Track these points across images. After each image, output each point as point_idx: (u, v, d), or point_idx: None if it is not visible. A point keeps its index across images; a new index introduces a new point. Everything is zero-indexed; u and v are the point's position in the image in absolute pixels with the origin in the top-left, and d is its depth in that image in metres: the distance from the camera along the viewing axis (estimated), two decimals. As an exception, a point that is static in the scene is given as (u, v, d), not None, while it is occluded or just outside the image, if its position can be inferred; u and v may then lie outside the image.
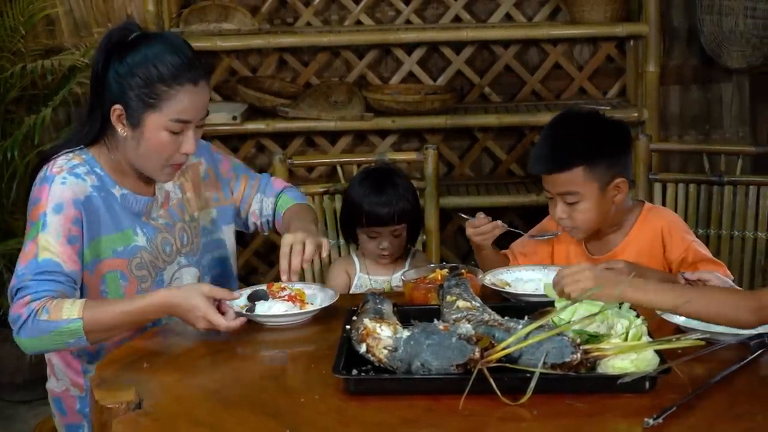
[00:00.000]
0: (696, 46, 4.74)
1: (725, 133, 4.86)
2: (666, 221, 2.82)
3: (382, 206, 3.10)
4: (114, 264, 2.56)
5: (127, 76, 2.46)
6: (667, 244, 2.79)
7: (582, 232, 2.79)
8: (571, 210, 2.73)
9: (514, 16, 4.77)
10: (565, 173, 2.70)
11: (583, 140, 2.74)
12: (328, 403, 2.03)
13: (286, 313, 2.48)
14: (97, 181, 2.54)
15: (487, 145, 4.81)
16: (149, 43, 2.49)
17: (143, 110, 2.47)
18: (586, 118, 2.88)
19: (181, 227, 2.70)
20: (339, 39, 4.56)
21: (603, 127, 2.81)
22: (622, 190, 2.75)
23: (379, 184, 3.14)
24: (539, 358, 1.98)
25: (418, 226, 3.24)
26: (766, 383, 2.07)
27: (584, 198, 2.71)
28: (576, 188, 2.71)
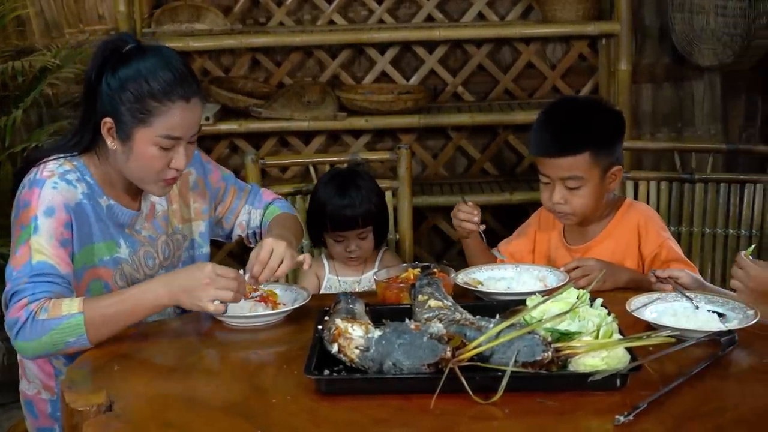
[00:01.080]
0: (667, 44, 4.76)
1: (697, 130, 4.89)
2: (644, 216, 2.85)
3: (346, 209, 3.11)
4: (100, 273, 2.55)
5: (118, 89, 2.43)
6: (643, 239, 2.81)
7: (576, 218, 2.82)
8: (570, 195, 2.76)
9: (487, 16, 4.78)
10: (573, 157, 2.73)
11: (591, 125, 2.78)
12: (300, 403, 2.02)
13: (258, 314, 2.48)
14: (86, 189, 2.52)
15: (461, 144, 4.82)
16: (143, 57, 2.45)
17: (133, 125, 2.44)
18: (587, 104, 2.93)
19: (164, 240, 2.69)
20: (312, 39, 4.56)
21: (606, 114, 2.85)
22: (617, 177, 2.81)
23: (343, 187, 3.14)
24: (510, 356, 1.98)
25: (384, 227, 3.23)
26: (736, 380, 2.08)
27: (586, 183, 2.74)
28: (581, 173, 2.73)
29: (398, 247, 3.44)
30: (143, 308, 2.39)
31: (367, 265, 3.19)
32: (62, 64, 4.33)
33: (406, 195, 3.42)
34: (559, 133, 2.77)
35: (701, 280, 2.62)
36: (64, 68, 4.35)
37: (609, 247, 2.81)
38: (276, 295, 2.58)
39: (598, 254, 2.77)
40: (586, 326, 2.11)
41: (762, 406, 1.95)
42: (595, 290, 2.39)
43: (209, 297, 2.33)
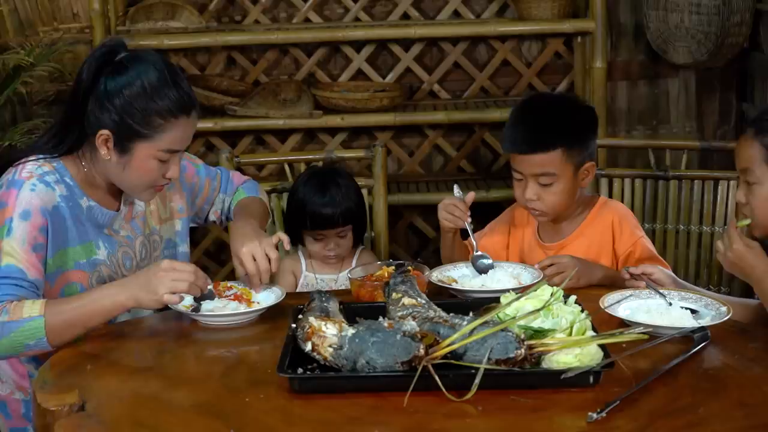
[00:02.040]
0: (642, 42, 4.78)
1: (672, 128, 4.90)
2: (618, 214, 2.86)
3: (325, 208, 3.10)
4: (76, 276, 2.53)
5: (120, 105, 2.42)
6: (617, 236, 2.82)
7: (550, 215, 2.82)
8: (543, 192, 2.76)
9: (463, 13, 4.78)
10: (546, 154, 2.73)
11: (563, 122, 2.78)
12: (273, 402, 2.01)
13: (232, 313, 2.47)
14: (66, 191, 2.51)
15: (437, 142, 4.82)
16: (143, 69, 2.43)
17: (135, 139, 2.45)
18: (560, 101, 2.94)
19: (141, 241, 2.68)
20: (287, 37, 4.55)
21: (577, 110, 2.86)
22: (590, 173, 2.81)
23: (323, 185, 3.14)
24: (484, 354, 1.98)
25: (363, 226, 3.23)
26: (709, 376, 2.09)
27: (559, 180, 2.75)
28: (553, 169, 2.73)
29: (374, 245, 3.44)
30: (102, 310, 2.38)
31: (344, 263, 3.18)
32: (36, 63, 4.31)
33: (381, 193, 3.42)
34: (532, 129, 2.77)
35: (674, 276, 2.63)
36: (39, 66, 4.33)
37: (583, 245, 2.81)
38: (250, 293, 2.57)
39: (572, 252, 2.77)
40: (559, 323, 2.11)
41: (734, 402, 1.96)
42: (570, 287, 2.41)
43: (165, 288, 2.32)
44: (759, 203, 2.31)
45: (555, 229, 2.88)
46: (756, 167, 2.29)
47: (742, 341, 2.26)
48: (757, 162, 2.28)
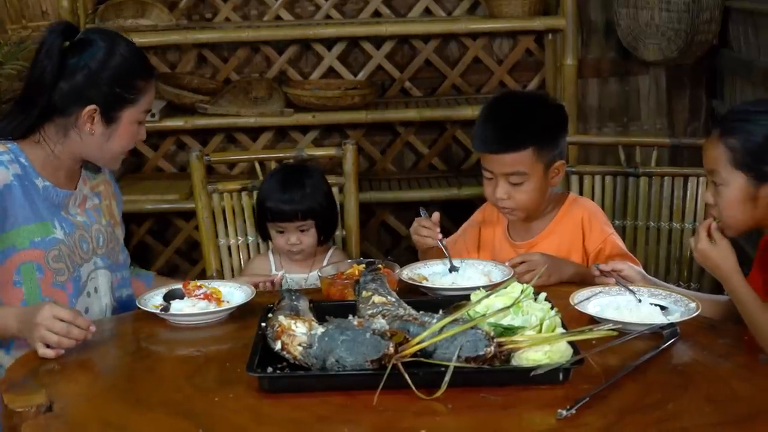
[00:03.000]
0: (613, 39, 4.79)
1: (643, 125, 4.92)
2: (588, 211, 2.86)
3: (285, 202, 3.10)
4: (31, 255, 2.53)
5: (108, 75, 2.52)
6: (587, 234, 2.82)
7: (520, 214, 2.82)
8: (513, 191, 2.75)
9: (434, 11, 4.79)
10: (516, 153, 2.72)
11: (534, 121, 2.77)
12: (243, 401, 2.00)
13: (201, 312, 2.46)
14: (20, 171, 2.53)
15: (409, 139, 4.82)
16: (112, 41, 2.55)
17: (122, 106, 2.55)
18: (530, 99, 2.94)
19: (98, 229, 2.70)
20: (258, 34, 4.53)
21: (547, 109, 2.85)
22: (560, 172, 2.81)
23: (288, 179, 3.13)
24: (454, 351, 1.98)
25: (330, 225, 3.19)
26: (678, 372, 2.09)
27: (530, 179, 2.74)
28: (524, 168, 2.73)
29: (345, 243, 3.43)
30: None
31: (315, 262, 3.17)
32: (5, 61, 4.27)
33: (352, 190, 3.41)
34: (502, 129, 2.76)
35: (644, 273, 2.63)
36: (7, 65, 4.29)
37: (553, 243, 2.81)
38: (220, 292, 2.55)
39: (543, 250, 2.77)
40: (529, 321, 2.11)
41: (703, 397, 1.96)
42: (540, 284, 2.41)
43: (38, 338, 2.25)
44: (725, 204, 2.31)
45: (525, 228, 2.88)
46: (721, 169, 2.29)
47: (711, 337, 2.27)
48: (722, 164, 2.28)
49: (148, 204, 4.43)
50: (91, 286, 2.64)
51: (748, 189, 2.27)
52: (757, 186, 2.26)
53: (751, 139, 2.25)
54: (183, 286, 2.56)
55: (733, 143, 2.26)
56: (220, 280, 2.86)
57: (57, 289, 2.55)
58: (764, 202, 2.27)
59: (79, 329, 2.25)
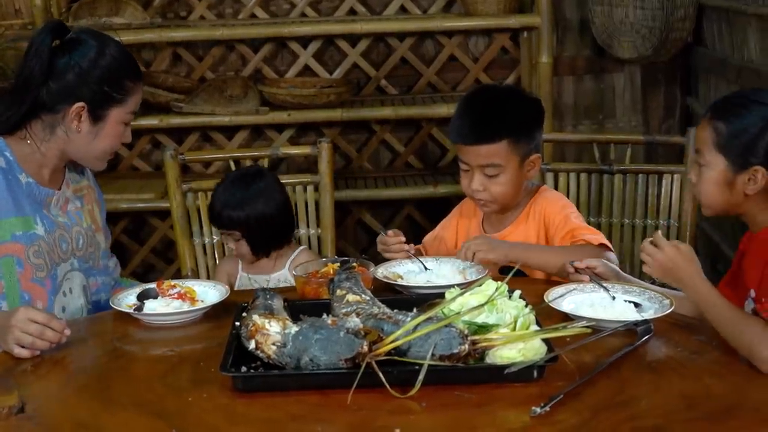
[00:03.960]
0: (588, 37, 4.81)
1: (618, 122, 4.94)
2: (549, 202, 2.89)
3: (213, 210, 3.13)
4: (12, 248, 2.52)
5: (97, 74, 2.52)
6: (548, 220, 2.84)
7: (496, 205, 2.83)
8: (489, 182, 2.77)
9: (409, 9, 4.79)
10: (491, 145, 2.74)
11: (510, 113, 2.79)
12: (216, 401, 2.00)
13: (175, 311, 2.44)
14: (4, 164, 2.53)
15: (385, 137, 4.82)
16: (102, 41, 2.55)
17: (109, 105, 2.56)
18: (507, 92, 2.95)
19: (78, 231, 2.69)
20: (233, 33, 4.52)
21: (524, 102, 2.87)
22: (536, 165, 2.83)
23: (224, 189, 3.12)
24: (428, 350, 1.97)
25: (262, 238, 3.11)
26: (652, 369, 2.09)
27: (505, 171, 2.76)
28: (499, 160, 2.75)
29: (320, 242, 3.43)
30: None
31: (277, 263, 3.16)
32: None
33: (327, 189, 3.41)
34: (478, 121, 2.78)
35: (618, 270, 2.64)
36: (-20, 62, 4.27)
37: (521, 233, 2.84)
38: (194, 291, 2.54)
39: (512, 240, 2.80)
40: (503, 318, 2.11)
41: (676, 394, 1.97)
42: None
43: (12, 340, 2.23)
44: (704, 185, 2.33)
45: (498, 220, 2.90)
46: (706, 150, 2.31)
47: (684, 334, 2.27)
48: (708, 145, 2.30)
49: (123, 203, 4.42)
50: (67, 286, 2.64)
51: (727, 173, 2.29)
52: (735, 172, 2.28)
53: (738, 125, 2.26)
54: (157, 286, 2.55)
55: (720, 127, 2.28)
56: (195, 280, 2.85)
57: (36, 284, 2.55)
58: (739, 189, 2.29)
59: (54, 332, 2.24)
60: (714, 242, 4.47)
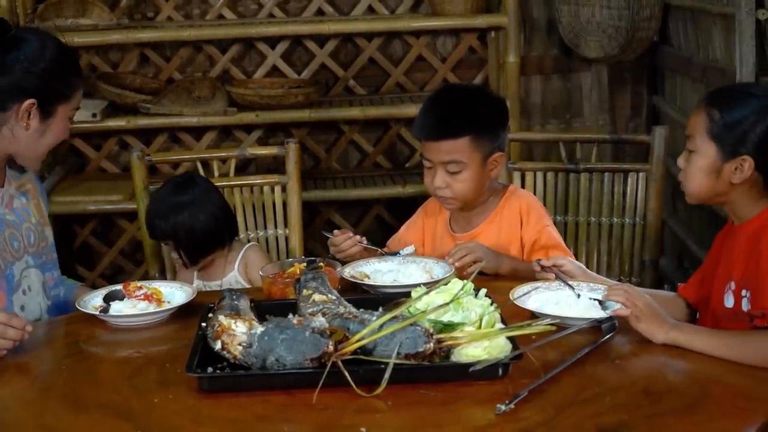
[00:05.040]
0: (555, 36, 4.83)
1: (586, 121, 4.96)
2: (525, 202, 2.89)
3: (147, 220, 3.14)
4: None
5: (44, 68, 2.52)
6: (524, 224, 2.86)
7: (458, 203, 2.84)
8: (451, 179, 2.78)
9: (377, 9, 4.79)
10: (453, 141, 2.75)
11: (472, 110, 2.81)
12: (182, 402, 2.00)
13: (142, 313, 2.44)
14: None
15: (353, 138, 4.83)
16: (45, 38, 2.57)
17: (58, 101, 2.56)
18: (471, 90, 2.98)
19: (28, 227, 2.68)
20: (200, 33, 4.51)
21: (487, 100, 2.88)
22: (499, 164, 2.83)
23: (155, 200, 3.14)
24: (393, 348, 1.98)
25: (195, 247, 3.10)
26: (616, 366, 2.11)
27: (466, 168, 2.77)
28: (461, 157, 2.76)
29: (288, 242, 3.43)
30: None
31: (227, 267, 3.16)
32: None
33: (295, 189, 3.41)
34: (441, 117, 2.80)
35: (584, 268, 2.65)
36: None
37: (493, 234, 2.85)
38: (160, 293, 2.54)
39: (482, 241, 2.80)
40: (469, 317, 2.12)
41: (640, 390, 1.98)
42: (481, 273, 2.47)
43: None
44: (692, 170, 2.35)
45: (466, 219, 2.91)
46: (697, 136, 2.33)
47: (649, 331, 2.28)
48: (700, 131, 2.32)
49: (91, 205, 4.40)
50: (25, 284, 2.62)
51: (716, 162, 2.31)
52: (723, 161, 2.30)
53: (732, 115, 2.29)
54: (123, 287, 2.54)
55: (714, 114, 2.30)
56: (162, 281, 2.84)
57: None
58: (725, 178, 2.31)
59: (15, 329, 2.23)
60: (680, 239, 4.50)
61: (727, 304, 2.33)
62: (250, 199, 3.41)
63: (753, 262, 2.25)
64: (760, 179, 2.30)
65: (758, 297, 2.20)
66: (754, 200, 2.33)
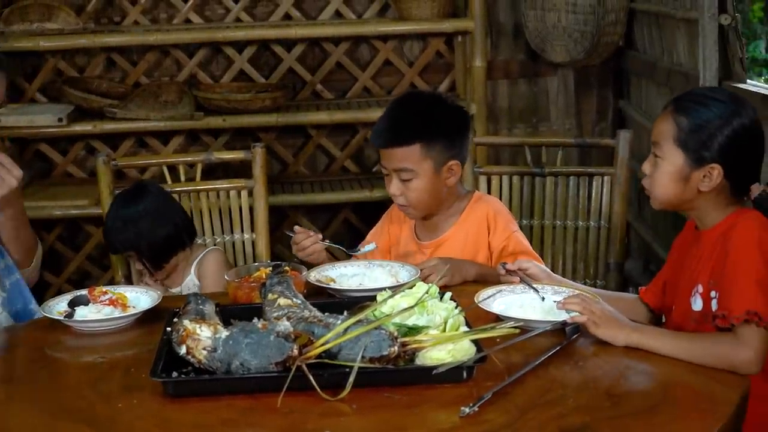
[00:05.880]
0: (522, 41, 4.86)
1: (552, 125, 4.99)
2: (492, 209, 2.88)
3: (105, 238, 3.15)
4: None
5: None
6: (491, 231, 2.85)
7: (415, 211, 2.84)
8: (404, 187, 2.78)
9: (344, 14, 4.80)
10: (403, 148, 2.75)
11: (424, 118, 2.79)
12: (147, 407, 1.99)
13: (107, 318, 2.44)
14: None
15: (321, 142, 4.83)
16: None
17: None
18: (428, 98, 2.97)
19: None
20: (167, 38, 4.51)
21: (443, 109, 2.86)
22: (455, 172, 2.81)
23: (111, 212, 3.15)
24: (358, 352, 1.99)
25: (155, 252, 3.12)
26: (579, 368, 2.12)
27: (418, 176, 2.76)
28: (411, 165, 2.75)
29: (254, 247, 3.43)
30: None
31: (185, 272, 3.16)
32: None
33: (261, 194, 3.41)
34: (393, 124, 2.80)
35: (549, 271, 2.67)
36: None
37: (459, 241, 2.84)
38: (126, 298, 2.54)
39: (449, 249, 2.80)
40: (433, 320, 2.13)
41: (603, 392, 2.00)
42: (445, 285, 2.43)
43: None
44: (658, 177, 2.35)
45: (431, 227, 2.90)
46: (664, 143, 2.33)
47: (612, 333, 2.30)
48: (666, 138, 2.32)
49: (57, 210, 4.38)
50: None
51: (684, 169, 2.31)
52: (691, 168, 2.30)
53: (699, 122, 2.28)
54: (88, 292, 2.54)
55: (681, 121, 2.30)
56: (127, 286, 2.83)
57: None
58: (693, 185, 2.31)
59: None
60: (646, 242, 4.53)
61: (695, 308, 2.34)
62: (216, 203, 3.41)
63: (720, 263, 2.26)
64: (728, 186, 2.31)
65: (723, 298, 2.22)
66: (721, 207, 2.33)
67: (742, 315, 2.13)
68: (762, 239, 2.22)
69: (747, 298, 2.14)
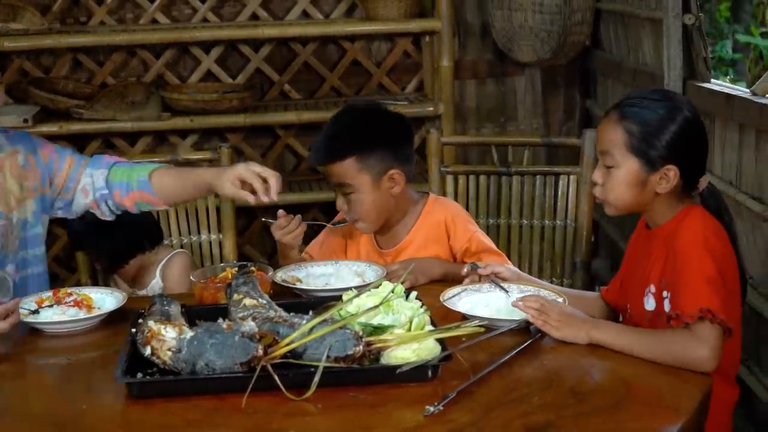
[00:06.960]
0: (489, 41, 4.87)
1: (520, 125, 5.01)
2: (449, 212, 2.87)
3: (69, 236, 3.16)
4: None
5: None
6: (451, 234, 2.84)
7: (365, 225, 2.81)
8: (349, 202, 2.76)
9: (311, 14, 4.79)
10: (337, 164, 2.74)
11: (356, 132, 2.78)
12: (112, 408, 1.99)
13: (71, 319, 2.43)
14: None
15: (289, 142, 4.82)
16: None
17: None
18: (363, 111, 2.93)
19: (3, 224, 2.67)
20: (134, 38, 4.48)
21: (378, 120, 2.84)
22: (397, 182, 2.77)
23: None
24: (323, 352, 1.99)
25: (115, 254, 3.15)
26: (543, 366, 2.13)
27: (357, 189, 2.74)
28: (348, 179, 2.74)
29: (222, 247, 3.42)
30: None
31: (149, 275, 3.15)
32: None
33: (228, 194, 3.39)
34: (327, 141, 2.79)
35: (519, 272, 2.67)
36: None
37: (419, 247, 2.82)
38: (91, 299, 2.53)
39: (411, 253, 2.79)
40: (399, 319, 2.14)
41: (567, 390, 2.01)
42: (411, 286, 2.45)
43: None
44: (613, 185, 2.34)
45: (390, 235, 2.88)
46: (616, 152, 2.32)
47: (577, 331, 2.31)
48: (618, 146, 2.31)
49: (23, 211, 4.35)
50: None
51: (639, 174, 2.31)
52: (648, 172, 2.30)
53: (649, 125, 2.28)
54: (53, 294, 2.52)
55: (631, 128, 2.29)
56: (92, 287, 2.82)
57: None
58: (650, 189, 2.31)
59: None
60: (613, 241, 4.56)
61: (647, 307, 2.35)
62: (183, 204, 3.40)
63: (670, 264, 2.28)
64: (680, 184, 2.32)
65: (675, 298, 2.23)
66: (673, 204, 2.34)
67: (696, 313, 2.14)
68: (707, 238, 2.23)
69: (699, 297, 2.15)
